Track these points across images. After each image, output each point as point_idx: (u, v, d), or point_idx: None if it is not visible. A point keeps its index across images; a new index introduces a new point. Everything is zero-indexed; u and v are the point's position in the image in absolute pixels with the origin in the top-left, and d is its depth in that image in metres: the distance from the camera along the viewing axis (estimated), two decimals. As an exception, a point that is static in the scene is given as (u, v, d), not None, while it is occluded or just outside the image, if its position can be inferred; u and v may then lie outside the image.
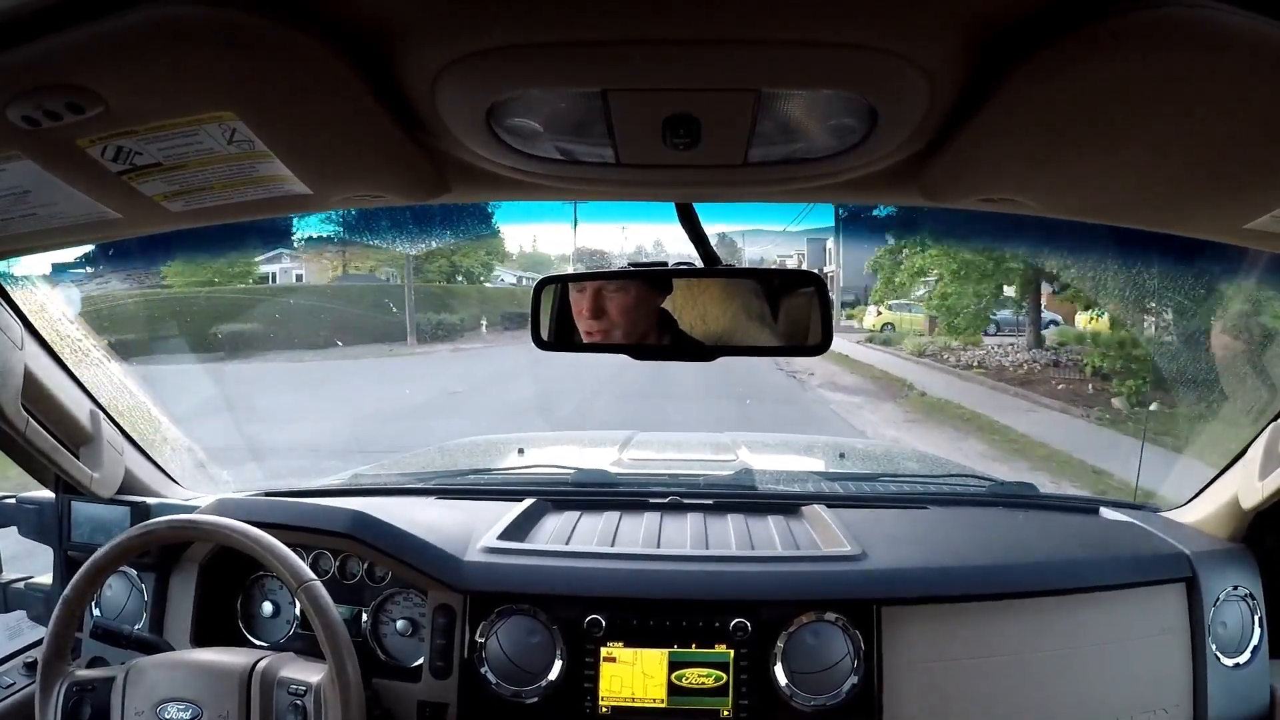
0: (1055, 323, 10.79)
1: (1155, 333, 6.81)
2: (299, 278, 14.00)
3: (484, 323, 14.01)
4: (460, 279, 15.43)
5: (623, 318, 1.00)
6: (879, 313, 13.84)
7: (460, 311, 13.95)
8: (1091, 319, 9.28)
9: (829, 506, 1.39)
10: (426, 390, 8.74)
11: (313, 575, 1.06)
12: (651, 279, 1.00)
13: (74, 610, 1.06)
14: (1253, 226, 0.76)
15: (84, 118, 0.57)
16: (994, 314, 10.26)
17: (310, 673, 1.05)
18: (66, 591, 1.05)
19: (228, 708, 1.00)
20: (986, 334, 10.49)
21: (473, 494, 1.50)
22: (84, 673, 1.05)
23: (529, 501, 1.41)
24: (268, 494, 1.45)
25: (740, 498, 1.48)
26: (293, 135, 0.66)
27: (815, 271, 1.11)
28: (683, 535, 1.32)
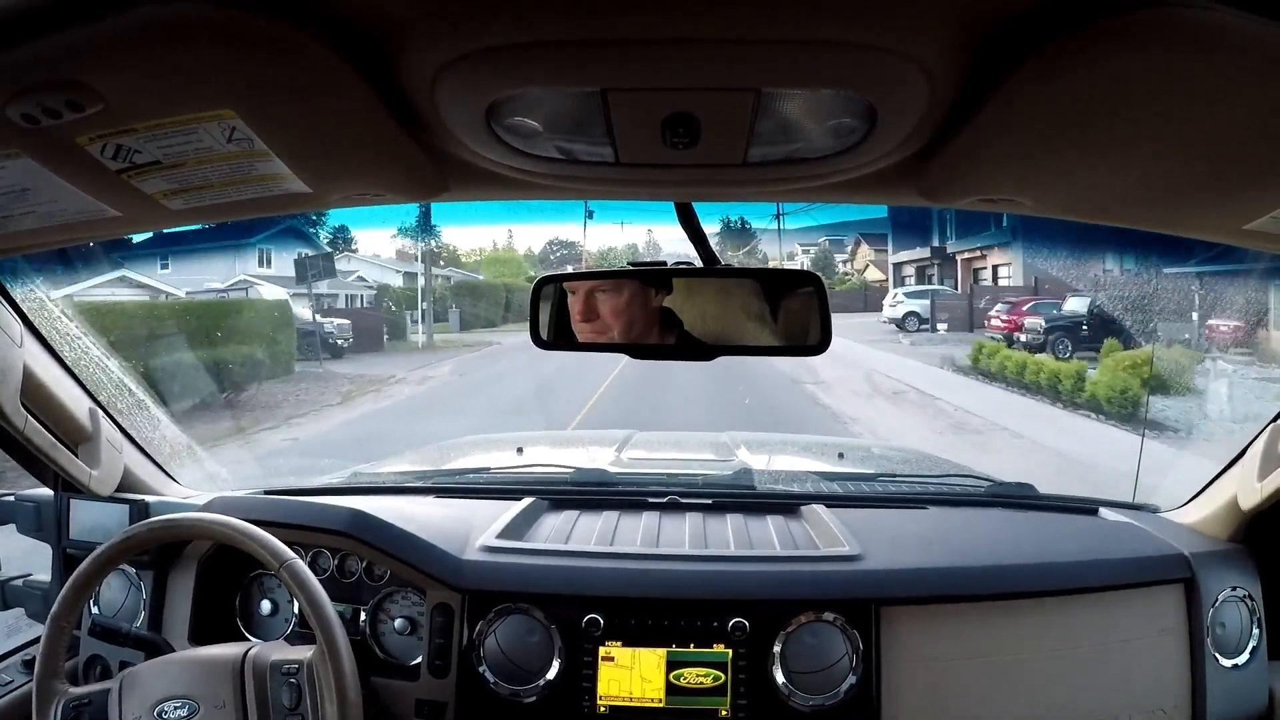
0: None
1: None
2: None
3: None
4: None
5: (615, 319, 1.01)
6: None
7: None
8: None
9: (828, 506, 1.39)
10: None
11: (292, 554, 1.06)
12: (649, 278, 1.00)
13: (63, 626, 1.05)
14: (1252, 227, 0.76)
15: (84, 115, 0.57)
16: None
17: (301, 653, 1.05)
18: (55, 608, 1.05)
19: (224, 698, 1.01)
20: None
21: (471, 493, 1.50)
22: (79, 689, 1.05)
23: (528, 501, 1.41)
24: (267, 492, 1.45)
25: (739, 497, 1.48)
26: (292, 134, 0.66)
27: (815, 271, 1.11)
28: (681, 535, 1.32)
